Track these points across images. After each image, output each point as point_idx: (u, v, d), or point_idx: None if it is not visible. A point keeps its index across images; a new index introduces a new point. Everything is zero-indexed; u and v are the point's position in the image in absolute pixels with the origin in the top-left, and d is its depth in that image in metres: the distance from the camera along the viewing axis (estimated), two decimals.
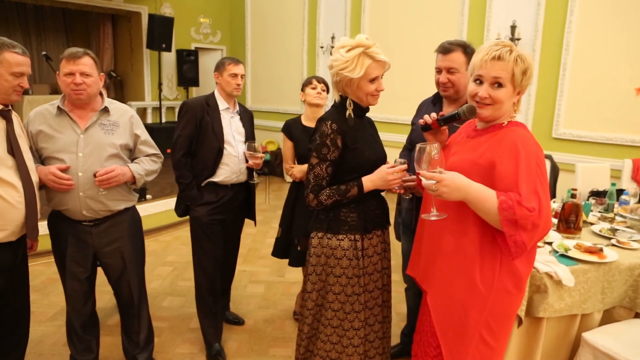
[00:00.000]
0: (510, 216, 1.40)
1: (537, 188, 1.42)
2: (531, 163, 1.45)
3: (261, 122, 8.18)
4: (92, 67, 2.13)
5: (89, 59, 2.13)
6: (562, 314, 2.02)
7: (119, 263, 2.35)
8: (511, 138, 1.50)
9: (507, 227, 1.41)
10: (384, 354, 2.04)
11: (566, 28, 4.97)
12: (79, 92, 2.11)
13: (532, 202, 1.40)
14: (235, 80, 2.63)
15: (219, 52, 9.12)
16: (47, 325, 3.03)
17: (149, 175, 2.38)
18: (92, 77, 2.13)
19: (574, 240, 2.29)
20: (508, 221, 1.41)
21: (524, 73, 1.50)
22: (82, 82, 2.10)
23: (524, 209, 1.39)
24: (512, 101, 1.55)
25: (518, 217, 1.39)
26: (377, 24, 6.68)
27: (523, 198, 1.40)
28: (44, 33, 8.72)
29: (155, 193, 5.42)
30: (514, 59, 1.49)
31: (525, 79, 1.52)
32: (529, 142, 1.49)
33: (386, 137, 5.68)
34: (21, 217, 1.91)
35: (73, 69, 2.09)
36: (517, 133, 1.51)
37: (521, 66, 1.50)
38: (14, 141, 1.91)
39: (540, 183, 1.43)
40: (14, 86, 1.88)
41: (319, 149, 1.82)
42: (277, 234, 3.01)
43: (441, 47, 2.15)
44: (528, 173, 1.43)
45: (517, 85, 1.52)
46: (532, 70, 1.53)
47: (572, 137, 5.11)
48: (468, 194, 1.47)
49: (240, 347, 2.86)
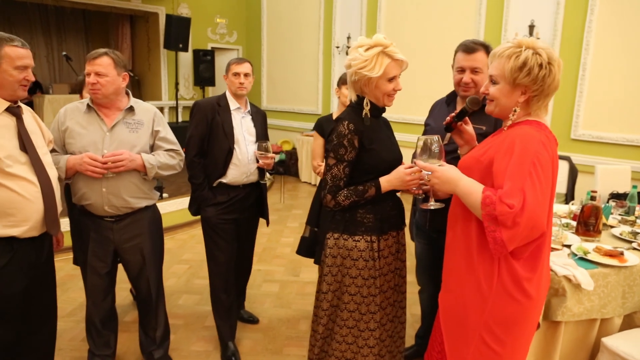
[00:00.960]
0: (491, 212, 1.38)
1: (525, 186, 1.37)
2: (524, 161, 1.40)
3: (276, 122, 8.22)
4: (108, 67, 2.15)
5: (105, 59, 2.15)
6: (581, 318, 1.99)
7: (138, 259, 2.39)
8: (513, 136, 1.48)
9: (488, 222, 1.40)
10: (397, 354, 2.04)
11: (586, 27, 4.89)
12: (94, 91, 2.17)
13: (514, 199, 1.36)
14: (238, 79, 2.64)
15: (234, 52, 9.18)
16: (66, 321, 3.08)
17: (164, 169, 2.36)
18: (107, 77, 2.15)
19: (593, 243, 2.25)
20: (489, 216, 1.39)
21: (518, 70, 1.45)
22: (97, 82, 2.14)
23: (504, 205, 1.36)
24: (512, 99, 1.51)
25: (498, 213, 1.37)
26: (393, 24, 6.66)
27: (504, 194, 1.37)
28: (64, 34, 8.88)
29: (171, 192, 5.48)
30: (507, 55, 1.47)
31: (522, 76, 1.45)
32: (530, 140, 1.44)
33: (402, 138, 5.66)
34: (40, 212, 1.92)
35: (89, 69, 2.15)
36: (521, 131, 1.48)
37: (514, 63, 1.45)
38: (25, 137, 1.90)
39: (532, 182, 1.38)
40: (20, 80, 1.85)
41: (336, 150, 1.82)
42: (304, 233, 3.00)
43: (464, 46, 2.11)
44: (518, 170, 1.40)
45: (512, 82, 1.48)
46: (536, 68, 1.45)
47: (591, 138, 5.02)
48: (457, 187, 1.52)
49: (255, 346, 2.87)
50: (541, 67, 1.45)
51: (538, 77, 1.46)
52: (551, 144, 1.48)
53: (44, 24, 8.60)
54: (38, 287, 2.03)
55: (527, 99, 1.51)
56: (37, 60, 8.78)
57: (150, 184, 2.38)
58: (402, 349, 2.10)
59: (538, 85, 1.47)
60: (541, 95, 1.50)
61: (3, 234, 1.82)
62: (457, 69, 2.14)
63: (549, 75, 1.46)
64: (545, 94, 1.51)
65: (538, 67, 1.45)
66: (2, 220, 1.81)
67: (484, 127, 2.04)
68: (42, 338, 2.13)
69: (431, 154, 1.60)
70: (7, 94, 1.86)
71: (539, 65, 1.45)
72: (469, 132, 1.79)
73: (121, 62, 2.21)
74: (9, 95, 1.87)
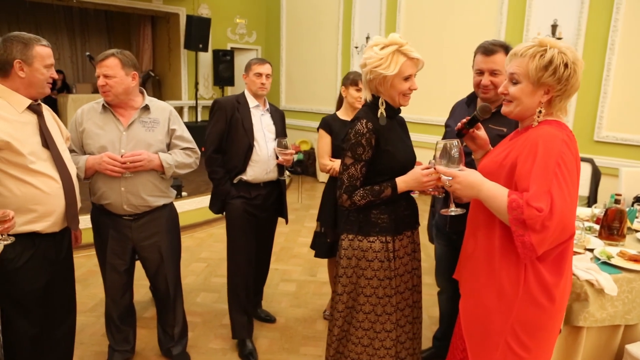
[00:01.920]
0: (519, 216, 1.35)
1: (552, 188, 1.34)
2: (549, 162, 1.38)
3: (295, 121, 8.24)
4: (115, 68, 2.17)
5: (112, 60, 2.18)
6: (604, 324, 1.94)
7: (156, 257, 2.42)
8: (535, 137, 1.44)
9: (516, 226, 1.37)
10: (414, 354, 2.03)
11: (611, 26, 4.78)
12: (104, 92, 2.21)
13: (542, 202, 1.33)
14: (260, 79, 2.66)
15: (254, 52, 9.24)
16: (88, 316, 3.15)
17: (181, 168, 2.39)
18: (116, 78, 2.18)
19: (617, 248, 2.20)
20: (516, 220, 1.36)
21: (544, 69, 1.42)
22: (105, 84, 2.18)
23: (532, 208, 1.33)
24: (535, 99, 1.48)
25: (526, 217, 1.34)
26: (413, 24, 6.61)
27: (531, 197, 1.34)
28: (87, 34, 9.08)
29: (190, 190, 5.54)
30: (531, 54, 1.44)
31: (547, 75, 1.43)
32: (552, 140, 1.41)
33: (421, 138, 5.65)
34: (61, 207, 1.96)
35: (98, 71, 2.20)
36: (543, 131, 1.45)
37: (539, 62, 1.43)
38: (47, 134, 1.96)
39: (558, 184, 1.35)
40: (47, 78, 1.94)
41: (354, 149, 1.80)
42: (316, 228, 2.99)
43: (483, 48, 2.08)
44: (543, 172, 1.37)
45: (536, 82, 1.45)
46: (562, 67, 1.42)
47: (615, 140, 4.90)
48: (480, 192, 1.47)
49: (272, 345, 2.89)
50: (566, 66, 1.43)
51: (563, 76, 1.43)
52: (573, 143, 1.46)
53: (68, 25, 8.80)
54: (59, 282, 2.08)
55: (550, 99, 1.48)
56: (62, 61, 9.00)
57: (167, 182, 2.41)
58: (420, 349, 2.09)
59: (562, 85, 1.45)
60: (564, 96, 1.48)
61: (26, 230, 1.87)
62: (476, 71, 2.12)
63: (573, 75, 1.44)
64: (568, 95, 1.48)
65: (564, 66, 1.43)
66: (25, 215, 1.86)
67: (504, 129, 2.01)
68: (62, 332, 2.19)
69: (451, 158, 1.56)
70: (35, 91, 1.93)
71: (564, 65, 1.43)
72: (482, 137, 1.77)
73: (129, 62, 2.22)
74: (37, 93, 1.94)
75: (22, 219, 1.84)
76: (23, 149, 1.83)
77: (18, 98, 1.88)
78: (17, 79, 1.86)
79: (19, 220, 1.81)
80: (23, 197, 1.85)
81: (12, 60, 1.84)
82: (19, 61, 1.84)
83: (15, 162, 1.82)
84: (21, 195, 1.84)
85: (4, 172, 1.82)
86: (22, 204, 1.85)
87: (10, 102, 1.87)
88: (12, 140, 1.80)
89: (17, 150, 1.81)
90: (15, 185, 1.84)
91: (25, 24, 8.20)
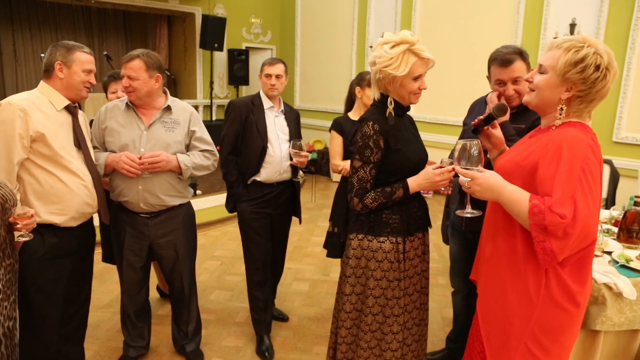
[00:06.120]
0: (540, 221, 1.32)
1: (575, 194, 1.31)
2: (574, 167, 1.34)
3: (309, 121, 8.24)
4: (139, 70, 2.20)
5: (137, 62, 2.21)
6: (622, 328, 1.91)
7: (172, 255, 2.45)
8: (558, 139, 1.40)
9: (537, 232, 1.34)
10: (419, 357, 2.01)
11: (632, 25, 4.69)
12: (128, 93, 2.26)
13: (565, 208, 1.30)
14: (270, 80, 2.67)
15: (268, 51, 9.26)
16: (104, 312, 3.19)
17: (199, 170, 2.42)
18: (139, 80, 2.21)
19: (636, 251, 2.16)
20: (538, 226, 1.33)
21: (573, 65, 1.38)
22: (129, 85, 2.22)
23: (555, 215, 1.30)
24: (556, 94, 1.44)
25: (547, 223, 1.31)
26: (428, 24, 6.56)
27: (554, 203, 1.31)
28: (105, 34, 9.18)
29: (205, 189, 5.59)
30: (566, 47, 1.40)
31: (574, 72, 1.38)
32: (577, 143, 1.37)
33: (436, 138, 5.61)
34: (80, 203, 2.07)
35: (123, 72, 2.25)
36: (567, 134, 1.41)
37: (571, 57, 1.38)
38: (79, 134, 2.11)
39: (582, 190, 1.32)
40: (85, 82, 2.08)
41: (362, 151, 1.78)
42: (329, 228, 2.99)
43: (499, 60, 2.01)
44: (567, 177, 1.33)
45: (562, 75, 1.40)
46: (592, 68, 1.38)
47: (635, 141, 4.81)
48: (501, 195, 1.44)
49: (285, 344, 2.90)
50: (597, 69, 1.38)
51: (590, 77, 1.39)
52: (598, 147, 1.42)
53: (87, 25, 8.91)
54: (77, 274, 2.20)
55: (570, 97, 1.44)
56: None
57: (184, 183, 2.43)
58: (425, 352, 2.07)
59: (586, 86, 1.40)
60: (585, 98, 1.43)
61: (47, 220, 1.99)
62: (496, 81, 2.06)
63: (601, 79, 1.39)
64: (590, 99, 1.43)
65: (594, 67, 1.38)
66: (48, 206, 1.99)
67: (523, 126, 1.99)
68: (76, 324, 2.32)
69: (470, 158, 1.52)
70: (73, 93, 2.08)
71: (595, 66, 1.38)
72: (497, 136, 1.74)
73: (154, 64, 2.24)
74: (75, 95, 2.09)
75: (43, 208, 1.97)
76: (54, 144, 1.98)
77: (58, 97, 2.05)
78: (57, 80, 2.03)
79: (40, 210, 1.95)
80: (48, 188, 1.98)
81: (54, 62, 2.01)
82: (60, 63, 2.01)
83: (46, 155, 1.97)
84: (46, 185, 1.98)
85: (34, 162, 1.96)
86: (46, 195, 1.98)
87: (51, 99, 2.03)
88: (47, 133, 1.95)
89: (49, 144, 1.96)
90: (42, 176, 1.97)
91: (45, 24, 8.33)
